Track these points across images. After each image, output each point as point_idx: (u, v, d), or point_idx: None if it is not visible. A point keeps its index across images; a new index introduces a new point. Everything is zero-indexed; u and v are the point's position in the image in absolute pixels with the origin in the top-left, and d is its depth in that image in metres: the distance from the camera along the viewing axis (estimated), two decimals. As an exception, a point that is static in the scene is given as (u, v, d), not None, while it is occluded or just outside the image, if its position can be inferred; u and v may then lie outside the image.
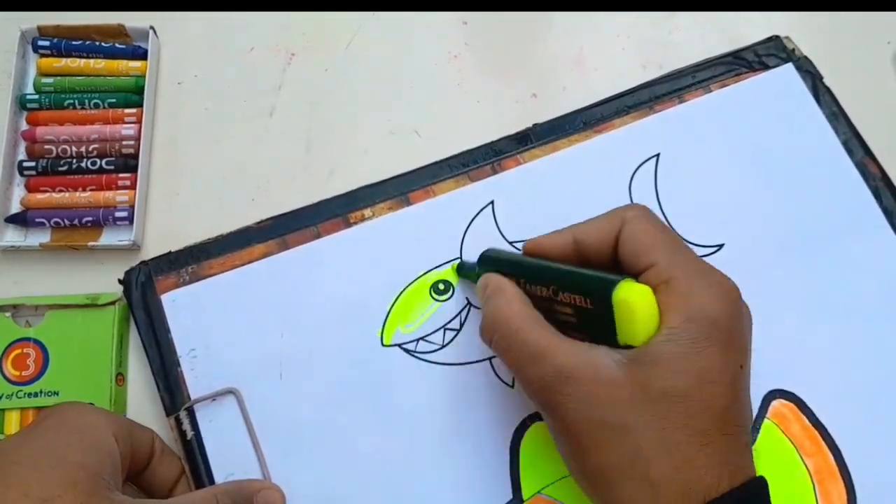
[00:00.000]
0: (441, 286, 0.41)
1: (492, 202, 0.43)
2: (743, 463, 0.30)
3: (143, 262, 0.42)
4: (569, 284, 0.32)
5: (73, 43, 0.46)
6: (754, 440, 0.39)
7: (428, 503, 0.38)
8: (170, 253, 0.42)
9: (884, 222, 0.43)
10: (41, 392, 0.40)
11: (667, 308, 0.30)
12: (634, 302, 0.29)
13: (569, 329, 0.32)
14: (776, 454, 0.38)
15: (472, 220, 0.43)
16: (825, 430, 0.39)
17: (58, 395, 0.40)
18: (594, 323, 0.31)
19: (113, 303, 0.41)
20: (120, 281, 0.42)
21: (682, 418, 0.28)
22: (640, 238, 0.32)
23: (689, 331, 0.29)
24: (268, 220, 0.43)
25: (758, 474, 0.30)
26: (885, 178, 0.44)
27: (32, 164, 0.44)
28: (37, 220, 0.43)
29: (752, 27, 0.48)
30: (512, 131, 0.45)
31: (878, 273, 0.42)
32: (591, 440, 0.29)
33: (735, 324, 0.30)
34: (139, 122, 0.45)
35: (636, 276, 0.32)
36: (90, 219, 0.43)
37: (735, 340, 0.30)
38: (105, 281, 0.43)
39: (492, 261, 0.38)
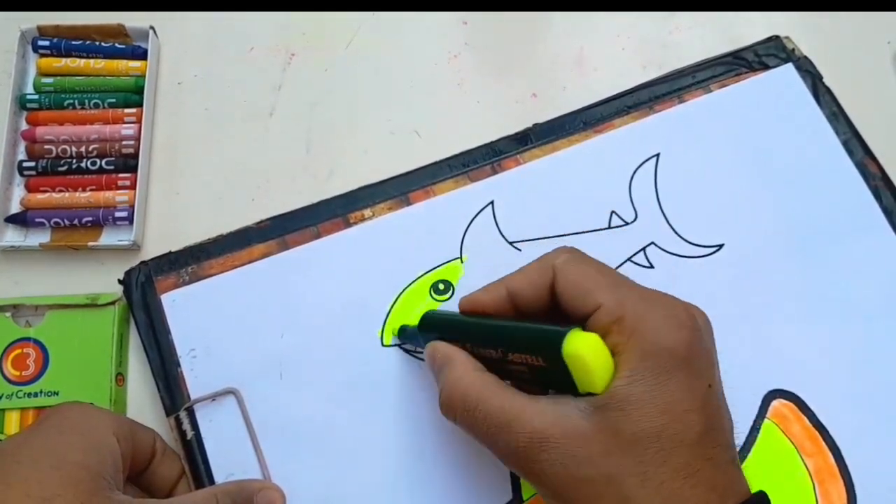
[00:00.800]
0: (441, 286, 0.41)
1: (492, 202, 0.43)
2: (730, 483, 0.29)
3: (143, 263, 0.42)
4: (516, 344, 0.31)
5: (73, 43, 0.46)
6: (754, 440, 0.39)
7: (428, 503, 0.38)
8: (170, 253, 0.42)
9: (884, 222, 0.43)
10: (41, 392, 0.40)
11: (623, 349, 0.29)
12: (586, 354, 0.29)
13: (527, 383, 0.31)
14: (776, 454, 0.38)
15: (472, 220, 0.43)
16: (825, 430, 0.39)
17: (58, 395, 0.40)
18: (551, 377, 0.30)
19: (113, 303, 0.41)
20: (120, 281, 0.42)
21: (661, 456, 0.28)
22: (579, 282, 0.31)
23: (648, 369, 0.28)
24: (268, 220, 0.43)
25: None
26: (885, 177, 0.44)
27: (32, 164, 0.44)
28: (37, 220, 0.43)
29: (752, 27, 0.48)
30: (512, 131, 0.45)
31: (878, 273, 0.42)
32: (579, 497, 0.29)
33: (693, 348, 0.30)
34: (139, 122, 0.45)
35: (583, 320, 0.31)
36: (90, 219, 0.43)
37: (696, 364, 0.30)
38: (105, 281, 0.43)
39: (434, 326, 0.37)
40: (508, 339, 0.32)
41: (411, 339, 0.39)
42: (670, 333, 0.29)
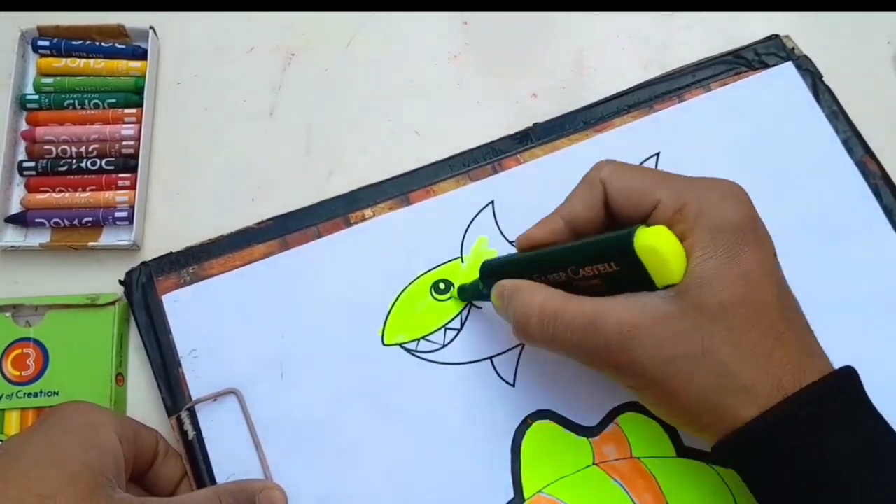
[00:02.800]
0: (441, 286, 0.41)
1: (492, 202, 0.43)
2: (815, 347, 0.31)
3: (143, 263, 0.42)
4: (585, 257, 0.32)
5: (73, 43, 0.46)
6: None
7: (429, 502, 0.38)
8: (170, 253, 0.42)
9: (884, 221, 0.43)
10: (41, 392, 0.40)
11: (690, 234, 0.31)
12: (658, 244, 0.30)
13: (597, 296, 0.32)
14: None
15: (473, 219, 0.43)
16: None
17: (58, 395, 0.40)
18: (625, 281, 0.31)
19: (113, 303, 0.41)
20: (121, 282, 0.42)
21: (748, 322, 0.30)
22: (631, 186, 0.33)
23: (719, 244, 0.30)
24: (268, 220, 0.43)
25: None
26: (884, 176, 0.44)
27: (32, 164, 0.44)
28: (37, 220, 0.43)
29: (752, 27, 0.48)
30: (512, 131, 0.45)
31: (877, 271, 0.42)
32: (677, 377, 0.30)
33: (755, 219, 0.32)
34: (139, 122, 0.45)
35: (642, 221, 0.32)
36: (90, 219, 0.43)
37: (760, 233, 0.32)
38: (105, 281, 0.42)
39: (494, 270, 0.37)
40: (576, 255, 0.32)
41: (473, 293, 0.40)
42: (732, 209, 0.31)
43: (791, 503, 0.30)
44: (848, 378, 0.31)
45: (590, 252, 0.32)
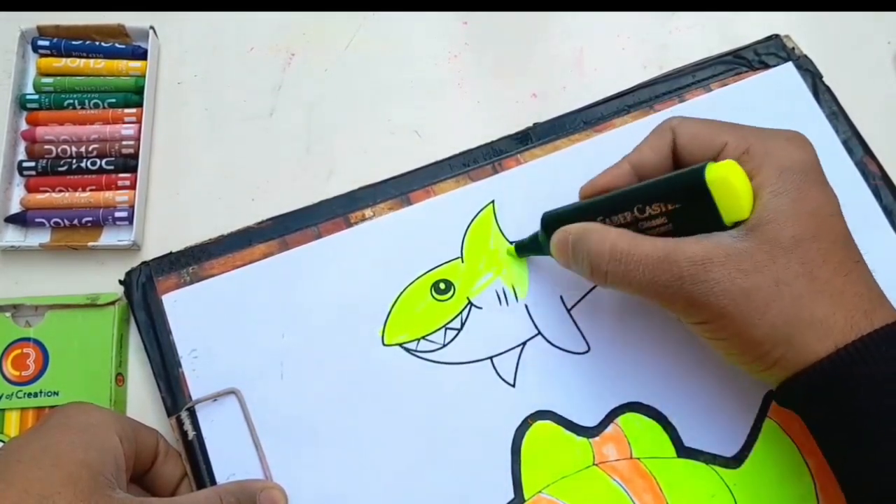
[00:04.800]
0: (442, 285, 0.41)
1: (492, 202, 0.43)
2: (878, 288, 0.32)
3: (143, 263, 0.42)
4: (654, 194, 0.32)
5: (73, 43, 0.46)
6: (756, 439, 0.39)
7: (429, 502, 0.38)
8: (170, 253, 0.42)
9: (884, 221, 0.43)
10: (41, 392, 0.40)
11: (758, 171, 0.32)
12: (729, 175, 0.30)
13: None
14: (778, 453, 0.38)
15: (473, 219, 0.43)
16: (826, 428, 0.39)
17: (58, 395, 0.40)
18: (693, 219, 0.31)
19: (113, 303, 0.41)
20: (121, 282, 0.42)
21: (821, 256, 0.30)
22: (699, 132, 0.34)
23: (789, 181, 0.31)
24: (268, 220, 0.43)
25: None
26: (884, 177, 0.44)
27: (32, 164, 0.44)
28: (37, 220, 0.43)
29: (752, 27, 0.48)
30: (512, 131, 0.45)
31: (877, 272, 0.42)
32: (752, 309, 0.30)
33: (818, 163, 0.33)
34: (139, 122, 0.45)
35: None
36: (90, 219, 0.43)
37: (824, 175, 0.33)
38: (105, 281, 0.42)
39: (556, 218, 0.37)
40: (646, 191, 0.33)
41: (532, 246, 0.40)
42: (797, 151, 0.32)
43: (863, 441, 0.30)
44: None
45: (660, 187, 0.32)
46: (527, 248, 0.41)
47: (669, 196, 0.31)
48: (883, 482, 0.30)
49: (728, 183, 0.30)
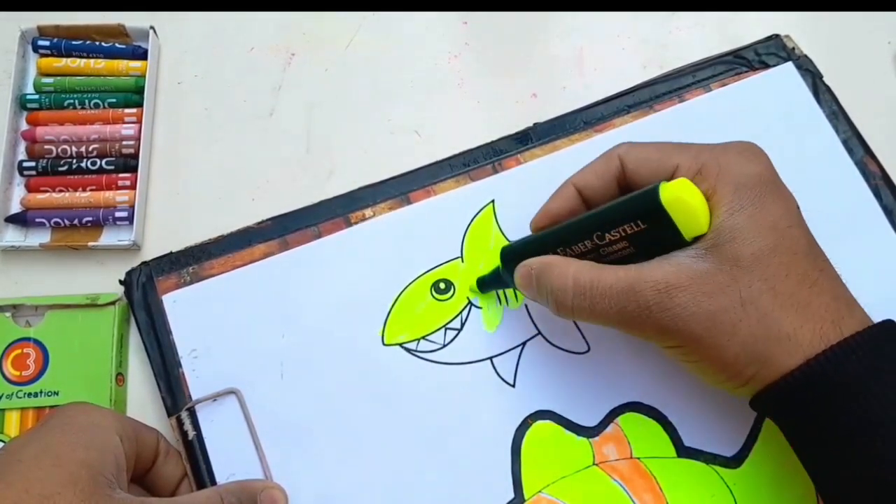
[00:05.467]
0: (441, 285, 0.41)
1: (492, 201, 0.43)
2: (849, 296, 0.32)
3: (143, 263, 0.42)
4: (611, 219, 0.32)
5: (73, 43, 0.46)
6: (755, 440, 0.39)
7: (429, 502, 0.38)
8: (170, 253, 0.42)
9: (884, 221, 0.43)
10: (41, 392, 0.40)
11: (713, 191, 0.31)
12: (684, 194, 0.30)
13: (627, 261, 0.32)
14: (777, 453, 0.38)
15: (473, 219, 0.43)
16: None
17: (58, 395, 0.40)
18: (653, 239, 0.31)
19: (113, 303, 0.41)
20: (121, 282, 0.42)
21: (783, 269, 0.30)
22: (648, 156, 0.34)
23: (744, 197, 0.31)
24: (268, 220, 0.43)
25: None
26: (885, 176, 0.44)
27: (32, 164, 0.44)
28: (37, 220, 0.43)
29: (752, 27, 0.48)
30: (512, 131, 0.45)
31: (877, 272, 0.42)
32: (720, 331, 0.30)
33: (774, 172, 0.33)
34: (139, 122, 0.45)
35: None
36: (90, 219, 0.43)
37: (782, 187, 0.33)
38: (105, 281, 0.43)
39: (515, 252, 0.37)
40: (602, 218, 0.33)
41: (494, 282, 0.40)
42: (751, 163, 0.32)
43: (838, 451, 0.30)
44: (892, 329, 0.31)
45: (616, 213, 0.32)
46: (489, 284, 0.40)
47: (627, 220, 0.31)
48: (857, 489, 0.30)
49: (682, 200, 0.30)
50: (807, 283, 0.30)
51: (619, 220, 0.32)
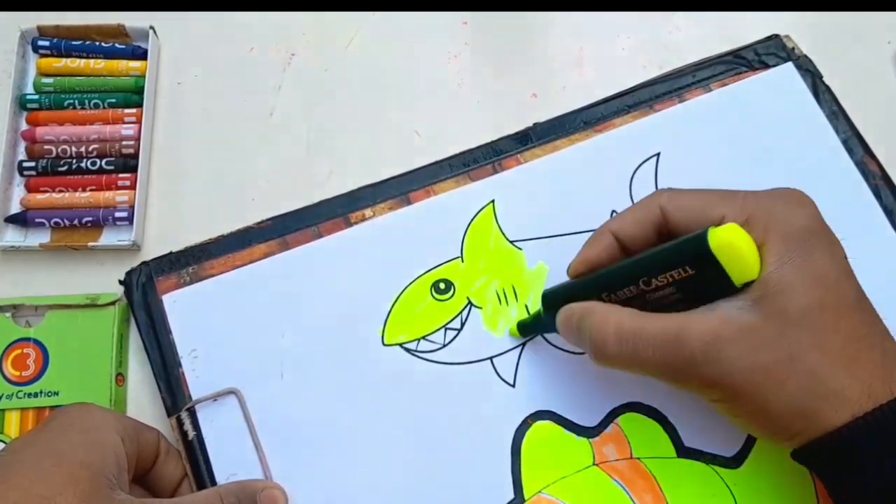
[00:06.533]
0: (441, 285, 0.41)
1: (492, 201, 0.43)
2: (894, 349, 0.31)
3: (143, 263, 0.42)
4: (658, 266, 0.31)
5: (73, 43, 0.46)
6: (755, 440, 0.39)
7: (429, 502, 0.38)
8: (170, 253, 0.42)
9: (884, 221, 0.43)
10: (41, 392, 0.40)
11: (762, 241, 0.30)
12: (734, 239, 0.29)
13: (672, 308, 0.31)
14: (778, 453, 0.38)
15: (473, 219, 0.43)
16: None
17: (58, 395, 0.40)
18: (700, 285, 0.30)
19: (113, 303, 0.41)
20: (121, 282, 0.42)
21: (832, 325, 0.30)
22: (693, 206, 0.33)
23: (793, 249, 0.30)
24: (268, 220, 0.43)
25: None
26: (885, 176, 0.44)
27: (32, 164, 0.44)
28: (37, 220, 0.43)
29: (752, 27, 0.48)
30: (512, 131, 0.45)
31: (877, 272, 0.42)
32: (767, 386, 0.29)
33: (822, 222, 0.32)
34: (139, 122, 0.45)
35: None
36: (90, 219, 0.43)
37: (831, 237, 0.32)
38: (105, 281, 0.42)
39: (557, 296, 0.36)
40: (646, 265, 0.32)
41: (536, 326, 0.39)
42: (799, 214, 0.32)
43: None
44: None
45: (663, 258, 0.31)
46: (529, 328, 0.40)
47: (674, 266, 0.30)
48: None
49: (732, 245, 0.29)
50: (855, 339, 0.30)
51: (666, 265, 0.31)
